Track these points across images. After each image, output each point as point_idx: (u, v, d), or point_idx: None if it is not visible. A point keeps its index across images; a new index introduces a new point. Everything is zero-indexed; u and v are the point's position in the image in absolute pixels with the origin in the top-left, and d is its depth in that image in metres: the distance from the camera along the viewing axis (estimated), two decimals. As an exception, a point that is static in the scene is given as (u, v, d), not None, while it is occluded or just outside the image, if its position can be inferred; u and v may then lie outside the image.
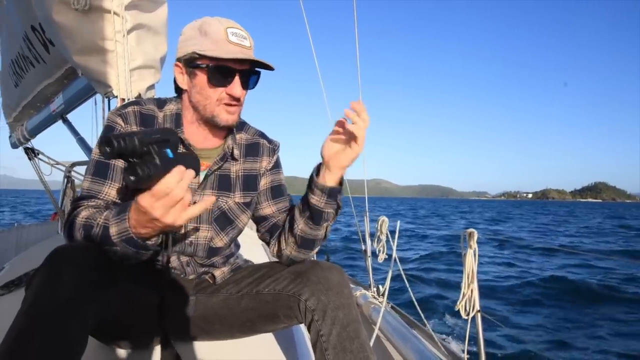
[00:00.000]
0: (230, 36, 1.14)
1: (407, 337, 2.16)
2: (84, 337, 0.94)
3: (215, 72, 1.15)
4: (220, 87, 1.17)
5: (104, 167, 1.18)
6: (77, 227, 1.07)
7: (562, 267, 11.03)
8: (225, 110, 1.19)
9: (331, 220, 1.25)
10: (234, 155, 1.31)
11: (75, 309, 0.91)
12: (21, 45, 2.88)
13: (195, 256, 1.31)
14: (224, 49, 1.13)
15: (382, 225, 2.90)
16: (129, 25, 2.05)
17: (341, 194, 1.23)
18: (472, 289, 1.88)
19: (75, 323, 0.90)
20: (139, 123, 1.23)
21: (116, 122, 1.21)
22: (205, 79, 1.16)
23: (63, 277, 0.92)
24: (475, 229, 1.89)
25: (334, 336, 1.12)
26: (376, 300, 2.79)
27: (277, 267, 1.31)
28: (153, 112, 1.26)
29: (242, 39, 1.16)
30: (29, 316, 0.88)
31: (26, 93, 3.37)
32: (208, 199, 1.00)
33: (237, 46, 1.14)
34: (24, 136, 4.11)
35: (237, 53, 1.13)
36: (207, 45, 1.13)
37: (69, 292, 0.91)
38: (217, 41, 1.13)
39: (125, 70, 2.07)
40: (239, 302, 1.29)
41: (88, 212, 1.10)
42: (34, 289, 0.92)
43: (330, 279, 1.18)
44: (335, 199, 1.21)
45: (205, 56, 1.14)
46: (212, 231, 1.30)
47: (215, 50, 1.13)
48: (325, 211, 1.20)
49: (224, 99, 1.17)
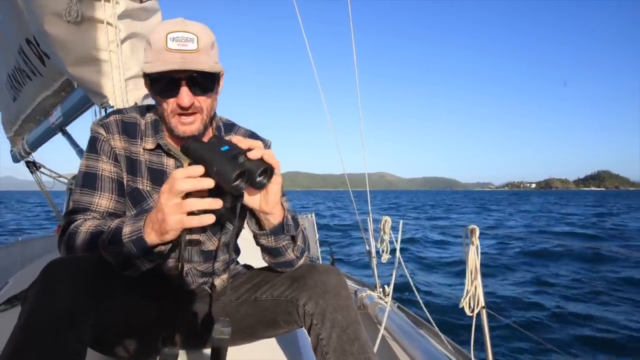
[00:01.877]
0: (170, 43, 1.06)
1: (413, 337, 2.15)
2: (83, 350, 0.93)
3: (157, 85, 1.11)
4: (169, 98, 1.12)
5: (92, 177, 1.18)
6: (80, 237, 1.06)
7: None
8: (180, 122, 1.14)
9: (292, 247, 1.22)
10: None
11: (72, 321, 0.90)
12: (17, 58, 2.89)
13: (193, 262, 1.30)
14: (162, 58, 1.06)
15: (385, 225, 2.89)
16: (122, 35, 2.06)
17: (289, 226, 1.18)
18: (476, 285, 1.87)
19: (72, 335, 0.89)
20: (121, 131, 1.22)
21: (99, 132, 1.20)
22: (155, 93, 1.14)
23: (58, 290, 0.91)
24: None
25: (333, 339, 1.11)
26: (382, 300, 2.78)
27: (274, 273, 1.30)
28: (135, 120, 1.25)
29: (184, 43, 1.06)
30: (25, 331, 0.88)
31: (25, 106, 3.38)
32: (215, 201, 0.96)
33: (177, 53, 1.06)
34: (25, 150, 4.13)
35: (175, 61, 1.06)
36: (149, 57, 1.09)
37: (65, 305, 0.90)
38: (157, 51, 1.07)
39: (120, 80, 2.07)
40: (238, 309, 1.28)
41: (94, 222, 1.09)
42: (29, 304, 0.91)
43: (327, 281, 1.17)
44: (283, 232, 1.18)
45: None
46: (203, 236, 1.29)
47: (153, 64, 1.07)
48: (280, 246, 1.19)
49: (176, 111, 1.13)
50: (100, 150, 1.19)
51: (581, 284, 7.95)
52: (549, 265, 9.91)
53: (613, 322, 5.65)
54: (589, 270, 9.16)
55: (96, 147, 1.20)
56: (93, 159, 1.19)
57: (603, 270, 9.16)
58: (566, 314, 6.01)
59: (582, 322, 5.71)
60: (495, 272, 8.87)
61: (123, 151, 1.21)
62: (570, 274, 8.80)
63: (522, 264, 9.90)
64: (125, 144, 1.21)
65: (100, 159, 1.19)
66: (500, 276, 8.60)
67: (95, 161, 1.19)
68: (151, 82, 1.12)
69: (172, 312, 1.25)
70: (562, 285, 7.76)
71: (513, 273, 8.94)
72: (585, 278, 8.39)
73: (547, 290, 7.46)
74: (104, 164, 1.19)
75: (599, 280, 8.18)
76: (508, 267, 9.51)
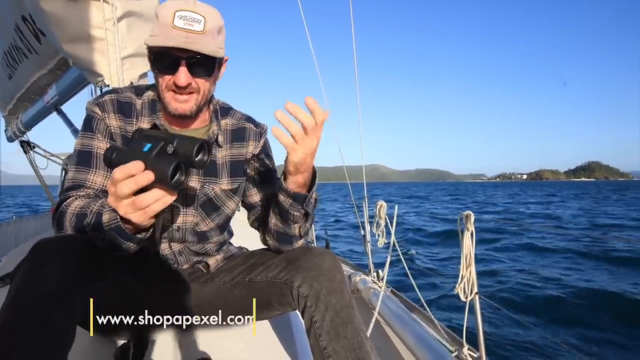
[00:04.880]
0: (176, 20, 1.05)
1: (406, 321, 2.17)
2: (72, 329, 0.93)
3: (158, 59, 1.11)
4: (166, 74, 1.12)
5: (87, 155, 1.17)
6: (68, 217, 1.05)
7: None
8: (173, 98, 1.14)
9: (301, 223, 1.22)
10: (219, 142, 1.29)
11: (60, 300, 0.89)
12: (13, 36, 2.85)
13: (186, 242, 1.30)
14: (166, 35, 1.06)
15: (380, 209, 2.89)
16: (119, 13, 2.03)
17: (308, 202, 1.18)
18: (470, 271, 1.88)
19: (61, 314, 0.89)
20: (116, 111, 1.21)
21: (94, 111, 1.19)
22: (154, 67, 1.14)
23: (46, 268, 0.90)
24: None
25: (327, 322, 1.11)
26: (376, 285, 2.79)
27: (269, 254, 1.31)
28: (131, 100, 1.24)
29: (191, 23, 1.06)
30: (12, 309, 0.87)
31: (20, 85, 3.35)
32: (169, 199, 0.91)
33: (183, 31, 1.06)
34: (19, 129, 4.10)
35: (178, 39, 1.05)
36: (155, 31, 1.09)
37: (53, 284, 0.89)
38: (163, 26, 1.07)
39: (116, 58, 2.05)
40: (232, 291, 1.29)
41: (81, 201, 1.08)
42: (17, 282, 0.90)
43: (322, 264, 1.17)
44: (302, 205, 1.17)
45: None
46: (198, 217, 1.29)
47: (156, 37, 1.07)
48: (291, 212, 1.18)
49: (171, 87, 1.13)
50: (95, 129, 1.19)
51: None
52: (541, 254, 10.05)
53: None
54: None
55: (91, 125, 1.19)
56: (88, 137, 1.19)
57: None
58: (560, 299, 6.10)
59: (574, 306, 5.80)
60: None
61: (119, 130, 1.20)
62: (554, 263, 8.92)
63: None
64: (120, 123, 1.21)
65: (95, 137, 1.18)
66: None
67: (90, 139, 1.18)
68: (153, 56, 1.12)
69: (165, 291, 1.25)
70: (555, 274, 7.84)
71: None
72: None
73: (537, 278, 7.54)
74: (99, 142, 1.18)
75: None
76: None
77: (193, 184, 1.27)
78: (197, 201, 1.28)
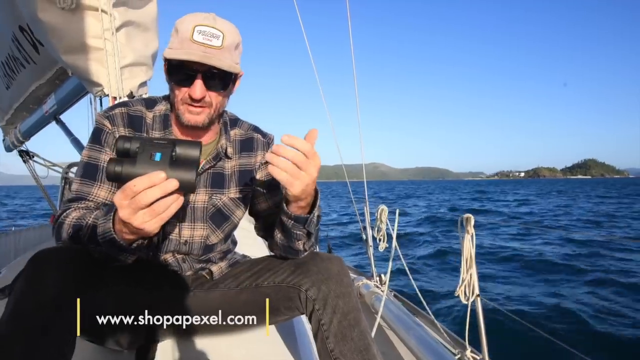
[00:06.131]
0: (196, 35, 1.08)
1: (409, 325, 2.17)
2: (72, 339, 0.93)
3: (175, 72, 1.14)
4: (183, 87, 1.14)
5: (93, 168, 1.18)
6: (65, 228, 1.06)
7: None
8: (188, 110, 1.16)
9: (304, 240, 1.21)
10: (228, 154, 1.30)
11: (59, 311, 0.90)
12: (10, 46, 2.85)
13: (191, 254, 1.31)
14: (186, 48, 1.08)
15: (381, 214, 2.89)
16: (117, 23, 2.03)
17: (310, 223, 1.15)
18: (471, 273, 1.88)
19: (60, 325, 0.89)
20: (126, 124, 1.21)
21: (104, 124, 1.20)
22: (171, 79, 1.16)
23: (45, 279, 0.91)
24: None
25: (334, 325, 1.13)
26: (378, 289, 2.79)
27: (276, 260, 1.31)
28: (141, 113, 1.24)
29: (209, 38, 1.09)
30: (12, 320, 0.87)
31: (18, 95, 3.35)
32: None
33: (201, 46, 1.08)
34: (18, 139, 4.10)
35: (196, 54, 1.07)
36: (174, 44, 1.11)
37: (52, 294, 0.90)
38: (182, 40, 1.09)
39: (115, 68, 2.05)
40: (239, 296, 1.29)
41: (78, 212, 1.09)
42: (15, 294, 0.90)
43: (330, 268, 1.19)
44: (303, 226, 1.15)
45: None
46: (208, 229, 1.30)
47: (175, 51, 1.10)
48: (293, 232, 1.18)
49: (186, 100, 1.15)
50: (104, 142, 1.20)
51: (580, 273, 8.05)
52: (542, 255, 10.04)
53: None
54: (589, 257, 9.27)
55: (100, 138, 1.20)
56: (96, 150, 1.19)
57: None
58: (562, 303, 6.08)
59: (576, 310, 5.78)
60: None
61: None
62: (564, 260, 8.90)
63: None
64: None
65: (103, 150, 1.19)
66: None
67: (97, 152, 1.19)
68: (169, 68, 1.14)
69: (168, 299, 1.25)
70: (560, 277, 7.83)
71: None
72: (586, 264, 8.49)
73: (541, 280, 7.53)
74: (107, 155, 1.19)
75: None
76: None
77: (201, 196, 1.28)
78: (205, 214, 1.29)
